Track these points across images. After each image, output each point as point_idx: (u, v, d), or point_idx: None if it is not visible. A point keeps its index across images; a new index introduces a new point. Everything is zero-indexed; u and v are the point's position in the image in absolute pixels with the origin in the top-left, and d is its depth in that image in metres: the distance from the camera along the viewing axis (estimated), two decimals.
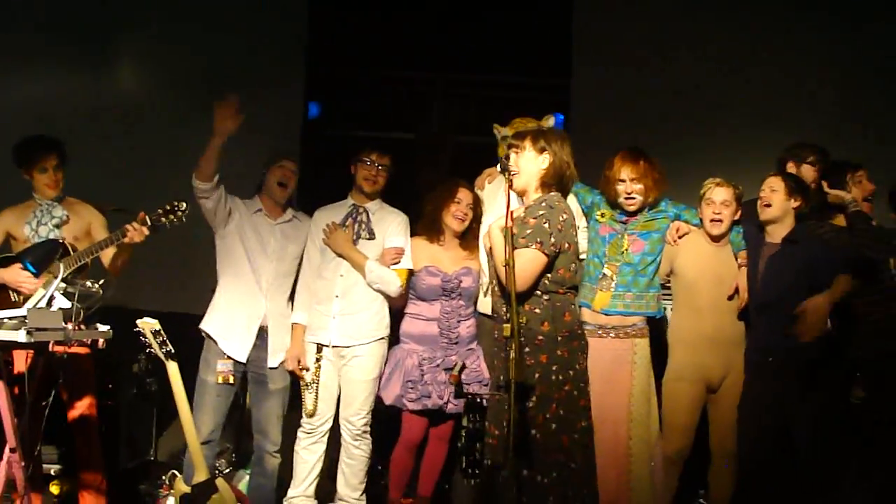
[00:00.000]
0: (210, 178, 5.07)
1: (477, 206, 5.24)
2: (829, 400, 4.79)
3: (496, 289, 4.26)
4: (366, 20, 7.41)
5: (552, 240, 4.17)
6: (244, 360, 5.16)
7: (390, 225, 5.29)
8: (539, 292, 4.21)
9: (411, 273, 5.19)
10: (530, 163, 4.31)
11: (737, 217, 4.98)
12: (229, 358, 5.13)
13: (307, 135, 7.24)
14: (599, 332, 4.86)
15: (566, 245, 4.22)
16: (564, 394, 4.17)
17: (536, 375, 4.13)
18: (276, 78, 7.16)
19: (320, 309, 5.23)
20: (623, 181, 4.92)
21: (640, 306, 4.93)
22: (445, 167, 6.96)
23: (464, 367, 4.16)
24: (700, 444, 4.99)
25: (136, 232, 4.78)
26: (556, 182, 4.32)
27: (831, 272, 4.68)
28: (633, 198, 4.92)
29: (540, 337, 4.17)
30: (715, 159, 6.39)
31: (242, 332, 5.17)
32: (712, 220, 4.95)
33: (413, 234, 5.30)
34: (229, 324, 5.18)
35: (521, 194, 4.36)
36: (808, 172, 5.20)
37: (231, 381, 5.12)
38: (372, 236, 5.26)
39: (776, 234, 4.85)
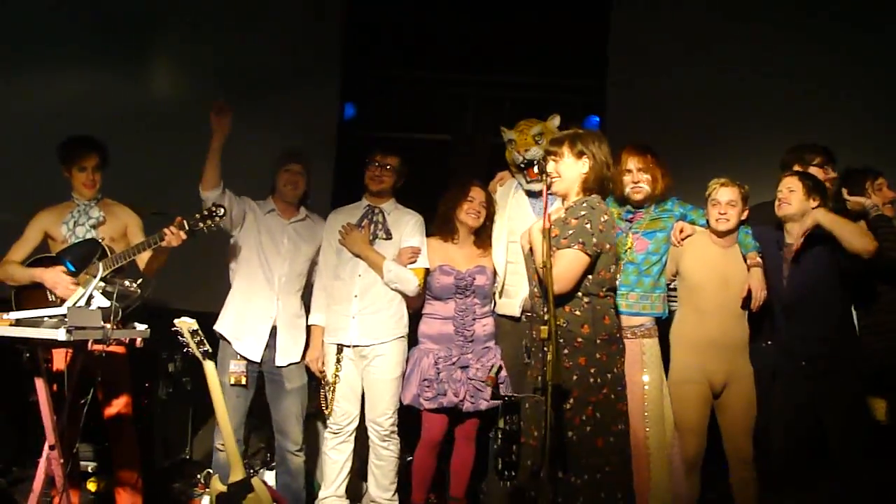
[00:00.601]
0: (216, 186, 5.11)
1: (490, 204, 5.26)
2: (860, 400, 4.76)
3: (536, 290, 4.23)
4: (402, 22, 7.42)
5: (594, 240, 4.12)
6: (258, 360, 5.17)
7: (406, 225, 5.30)
8: (580, 294, 4.15)
9: (427, 272, 5.21)
10: (570, 168, 4.26)
11: (744, 217, 4.92)
12: (243, 358, 5.14)
13: (342, 136, 7.25)
14: None
15: (607, 246, 4.18)
16: (602, 397, 4.12)
17: (574, 378, 4.08)
18: (312, 79, 7.19)
19: (339, 309, 5.24)
20: (630, 171, 4.93)
21: (644, 307, 4.91)
22: (480, 168, 6.93)
23: (501, 368, 4.14)
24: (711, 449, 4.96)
25: (174, 236, 4.81)
26: (597, 185, 4.29)
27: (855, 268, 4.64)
28: (640, 187, 4.92)
29: (579, 339, 4.12)
30: (747, 163, 6.31)
31: (255, 331, 5.18)
32: (718, 220, 4.91)
33: (427, 234, 5.32)
34: (242, 324, 5.20)
35: (563, 198, 4.32)
36: (817, 175, 5.09)
37: (243, 381, 5.13)
38: (389, 236, 5.28)
39: (795, 233, 4.78)
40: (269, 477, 5.50)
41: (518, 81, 7.67)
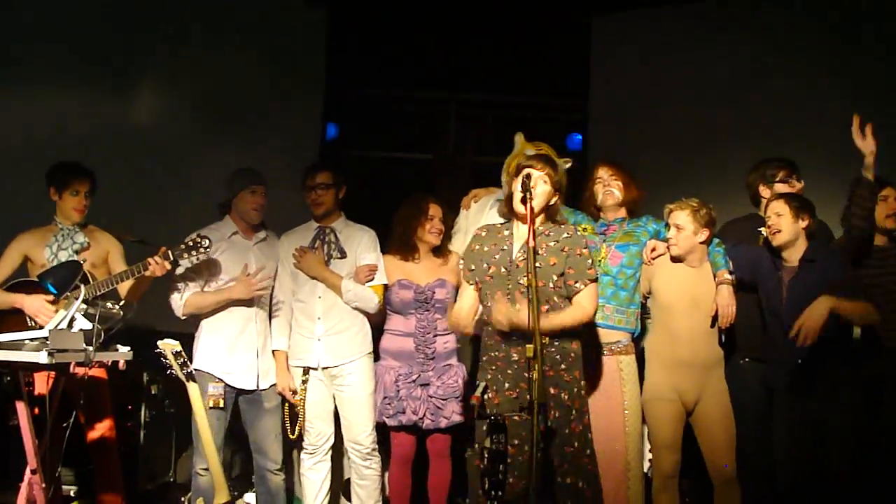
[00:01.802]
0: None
1: (447, 218, 5.27)
2: (861, 412, 4.73)
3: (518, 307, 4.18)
4: (383, 41, 7.43)
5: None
6: (254, 388, 5.14)
7: (360, 242, 5.29)
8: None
9: (386, 288, 5.21)
10: (545, 194, 4.32)
11: (702, 240, 4.89)
12: (220, 381, 5.08)
13: (325, 155, 7.24)
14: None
15: None
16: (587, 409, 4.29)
17: (575, 390, 4.22)
18: (295, 99, 7.20)
19: (303, 332, 5.22)
20: (601, 178, 5.02)
21: (619, 321, 4.93)
22: (463, 186, 6.95)
23: (486, 388, 4.13)
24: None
25: (158, 266, 4.81)
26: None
27: (853, 287, 4.67)
28: (611, 192, 4.99)
29: (572, 355, 4.23)
30: (728, 181, 6.36)
31: (244, 362, 5.13)
32: (668, 245, 4.94)
33: (385, 251, 5.31)
34: (228, 356, 5.12)
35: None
36: (783, 189, 5.08)
37: (221, 404, 5.06)
38: (343, 255, 5.26)
39: (792, 257, 4.80)
40: (250, 498, 5.48)
41: (500, 100, 7.70)
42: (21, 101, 6.93)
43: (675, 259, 4.95)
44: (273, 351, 5.24)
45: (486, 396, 4.14)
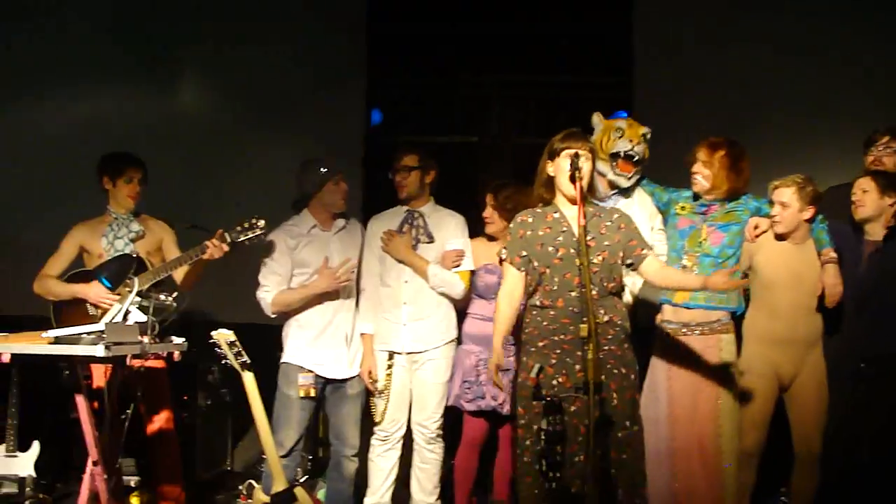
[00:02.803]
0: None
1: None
2: None
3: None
4: (424, 26, 7.41)
5: None
6: (345, 377, 5.15)
7: (448, 227, 5.26)
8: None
9: (473, 273, 5.19)
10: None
11: (807, 217, 4.85)
12: (310, 371, 5.08)
13: (370, 142, 7.25)
14: (684, 330, 4.85)
15: None
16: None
17: (637, 369, 4.35)
18: (338, 87, 7.18)
19: (389, 317, 5.21)
20: (697, 161, 4.91)
21: (721, 301, 4.85)
22: (507, 169, 6.93)
23: (541, 369, 4.13)
24: (781, 441, 4.91)
25: (216, 248, 4.83)
26: None
27: None
28: (696, 179, 4.90)
29: (626, 332, 4.33)
30: (779, 151, 6.29)
31: (335, 354, 5.13)
32: (773, 222, 4.88)
33: (473, 235, 5.29)
34: (317, 351, 5.12)
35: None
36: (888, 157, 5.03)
37: (312, 393, 5.05)
38: (431, 240, 5.23)
39: (875, 232, 4.77)
40: (320, 486, 5.53)
41: (543, 80, 7.64)
42: (69, 99, 7.04)
43: (779, 236, 4.90)
44: (361, 334, 5.24)
45: (539, 378, 4.14)
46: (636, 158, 5.07)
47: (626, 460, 4.16)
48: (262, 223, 4.89)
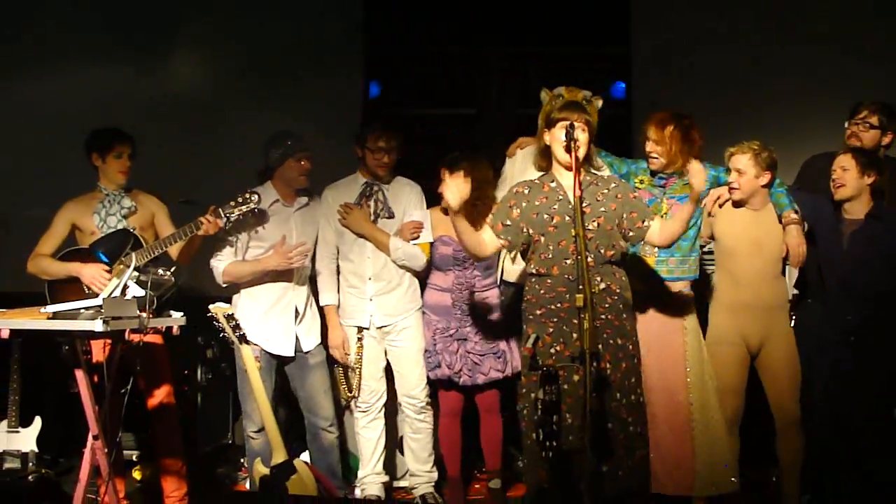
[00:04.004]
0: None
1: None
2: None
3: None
4: None
5: None
6: (291, 355, 5.15)
7: (407, 199, 5.26)
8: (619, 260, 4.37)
9: (431, 245, 5.20)
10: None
11: (764, 182, 4.82)
12: (255, 345, 5.02)
13: (368, 114, 7.21)
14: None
15: None
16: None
17: (635, 339, 4.37)
18: (335, 59, 7.16)
19: (354, 292, 5.23)
20: (649, 139, 4.87)
21: (683, 271, 4.86)
22: (507, 140, 6.91)
23: (537, 339, 4.14)
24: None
25: (211, 224, 4.84)
26: None
27: None
28: (654, 158, 4.86)
29: (630, 304, 4.38)
30: (775, 125, 6.27)
31: (282, 329, 5.14)
32: (730, 189, 4.88)
33: (431, 205, 5.29)
34: (265, 325, 5.13)
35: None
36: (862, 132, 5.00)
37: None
38: (391, 215, 5.23)
39: (854, 210, 4.75)
40: (306, 457, 5.53)
41: (542, 51, 7.60)
42: (58, 72, 7.00)
43: (737, 203, 4.90)
44: (324, 306, 5.24)
45: (538, 347, 4.15)
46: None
47: (621, 427, 4.19)
48: (255, 198, 4.90)
